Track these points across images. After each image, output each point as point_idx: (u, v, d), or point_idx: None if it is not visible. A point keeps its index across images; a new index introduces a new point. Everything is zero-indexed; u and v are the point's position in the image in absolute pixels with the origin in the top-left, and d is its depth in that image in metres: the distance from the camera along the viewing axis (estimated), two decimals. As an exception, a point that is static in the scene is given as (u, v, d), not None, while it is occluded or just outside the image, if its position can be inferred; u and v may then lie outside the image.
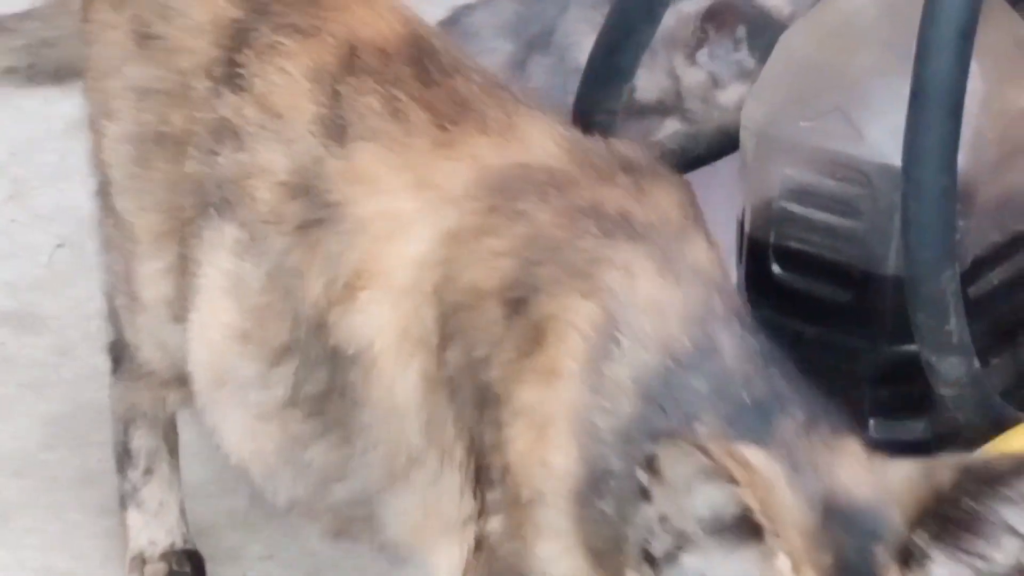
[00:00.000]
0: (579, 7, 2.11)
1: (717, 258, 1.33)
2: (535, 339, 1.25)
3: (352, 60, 1.43)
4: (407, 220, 1.34)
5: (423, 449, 1.32)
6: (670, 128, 2.11)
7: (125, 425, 1.77)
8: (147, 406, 1.75)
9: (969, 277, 1.57)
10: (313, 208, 1.38)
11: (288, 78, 1.44)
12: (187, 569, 1.77)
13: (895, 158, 1.49)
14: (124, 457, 1.78)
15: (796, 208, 1.63)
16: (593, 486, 1.22)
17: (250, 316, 1.43)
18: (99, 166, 1.65)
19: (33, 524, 1.89)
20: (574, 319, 1.25)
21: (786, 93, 1.69)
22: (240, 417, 1.47)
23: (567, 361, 1.24)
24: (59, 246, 2.32)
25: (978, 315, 1.54)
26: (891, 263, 1.56)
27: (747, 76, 2.04)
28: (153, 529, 1.77)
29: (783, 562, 1.10)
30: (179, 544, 1.78)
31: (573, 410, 1.23)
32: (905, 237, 1.47)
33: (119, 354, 1.75)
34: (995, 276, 1.64)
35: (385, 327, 1.33)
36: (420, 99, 1.39)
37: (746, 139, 1.69)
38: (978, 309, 1.56)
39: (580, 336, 1.24)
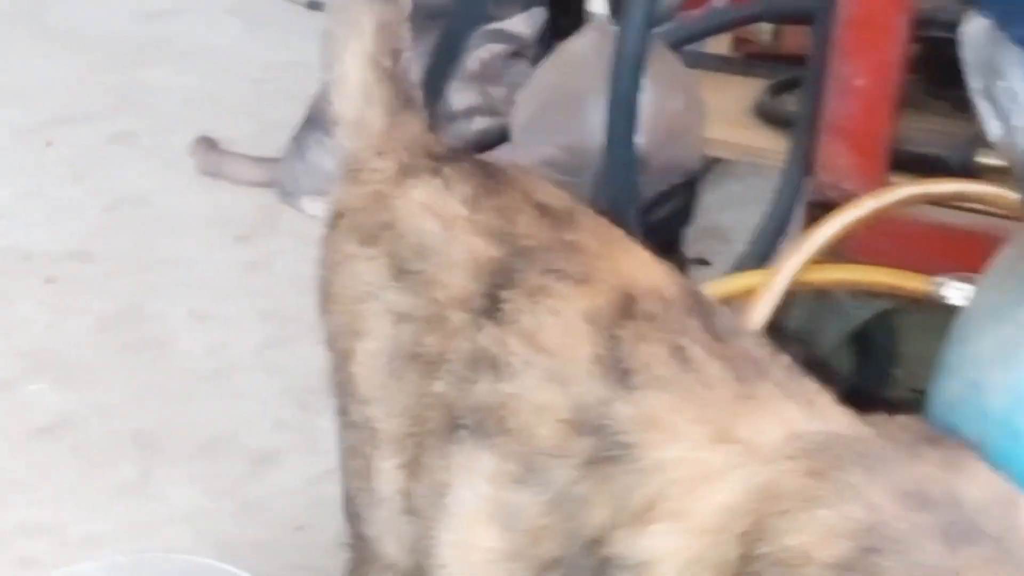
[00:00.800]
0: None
1: None
2: None
3: (629, 306, 0.98)
4: (713, 470, 0.89)
5: None
6: (479, 125, 2.15)
7: None
8: None
9: (647, 211, 1.62)
10: (604, 447, 0.93)
11: (560, 319, 0.98)
12: None
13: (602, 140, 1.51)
14: None
15: (544, 171, 1.60)
16: None
17: (522, 538, 0.98)
18: (341, 384, 1.15)
19: (94, 372, 1.89)
20: None
21: (540, 102, 1.72)
22: None
23: None
24: (104, 210, 2.31)
25: (652, 234, 1.54)
26: (601, 203, 1.52)
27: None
28: None
29: None
30: None
31: None
32: (605, 187, 1.51)
33: (357, 557, 1.22)
34: (662, 211, 1.69)
35: (675, 552, 0.89)
36: (712, 351, 0.94)
37: (515, 131, 1.71)
38: (653, 231, 1.57)
39: None
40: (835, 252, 1.54)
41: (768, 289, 1.42)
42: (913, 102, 1.80)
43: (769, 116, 1.97)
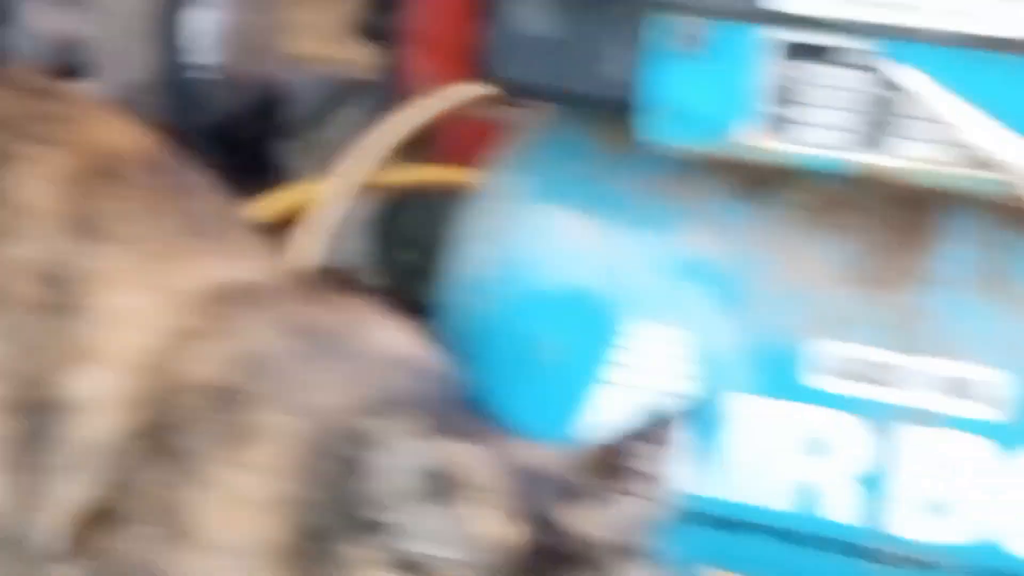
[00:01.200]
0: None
1: (411, 334, 1.01)
2: (240, 437, 0.94)
3: (98, 166, 1.06)
4: (138, 314, 1.01)
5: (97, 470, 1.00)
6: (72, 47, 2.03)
7: None
8: None
9: (232, 126, 1.64)
10: (60, 295, 1.02)
11: (34, 182, 1.04)
12: None
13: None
14: None
15: (132, 96, 1.60)
16: (306, 552, 0.91)
17: None
18: None
19: None
20: (282, 431, 0.93)
21: (120, 26, 1.70)
22: None
23: (277, 462, 0.92)
24: None
25: (243, 149, 1.60)
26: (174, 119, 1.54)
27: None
28: None
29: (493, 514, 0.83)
30: None
31: (290, 500, 0.92)
32: (170, 103, 1.53)
33: None
34: (251, 126, 1.72)
35: (102, 389, 1.00)
36: (163, 209, 1.05)
37: (101, 56, 1.69)
38: (242, 145, 1.62)
39: (287, 447, 0.92)
40: (421, 154, 1.60)
41: (328, 192, 1.47)
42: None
43: (369, 31, 2.01)
